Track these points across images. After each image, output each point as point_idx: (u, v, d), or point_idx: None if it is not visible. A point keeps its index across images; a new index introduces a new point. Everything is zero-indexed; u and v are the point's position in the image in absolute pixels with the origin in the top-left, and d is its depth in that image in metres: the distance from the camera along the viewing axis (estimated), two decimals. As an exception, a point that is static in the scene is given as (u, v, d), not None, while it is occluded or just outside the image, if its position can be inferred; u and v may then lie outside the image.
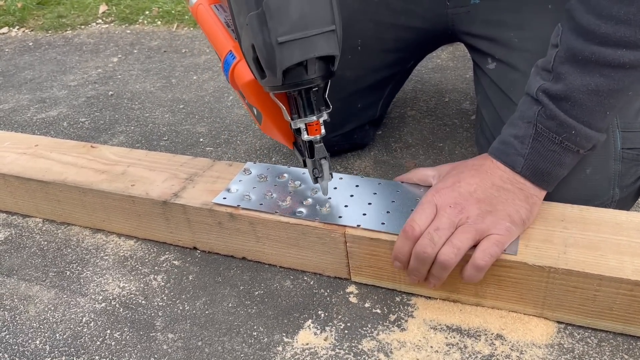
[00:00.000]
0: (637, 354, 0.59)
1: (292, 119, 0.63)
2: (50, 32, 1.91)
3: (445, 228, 0.59)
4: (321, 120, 0.63)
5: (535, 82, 0.62)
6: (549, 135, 0.61)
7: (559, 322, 0.63)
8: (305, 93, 0.61)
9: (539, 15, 0.76)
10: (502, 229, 0.59)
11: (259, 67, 0.58)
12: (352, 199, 0.71)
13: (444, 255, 0.58)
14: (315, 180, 0.68)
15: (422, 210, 0.61)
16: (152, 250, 0.81)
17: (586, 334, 0.62)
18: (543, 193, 0.64)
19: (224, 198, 0.74)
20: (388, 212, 0.68)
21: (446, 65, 1.34)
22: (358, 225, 0.66)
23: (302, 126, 0.63)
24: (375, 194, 0.72)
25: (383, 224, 0.66)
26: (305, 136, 0.63)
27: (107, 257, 0.81)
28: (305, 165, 0.69)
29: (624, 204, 0.72)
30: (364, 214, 0.68)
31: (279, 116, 0.66)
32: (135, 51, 1.66)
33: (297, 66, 0.56)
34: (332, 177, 0.68)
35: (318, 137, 0.63)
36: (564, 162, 0.62)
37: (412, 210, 0.67)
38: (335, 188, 0.73)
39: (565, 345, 0.60)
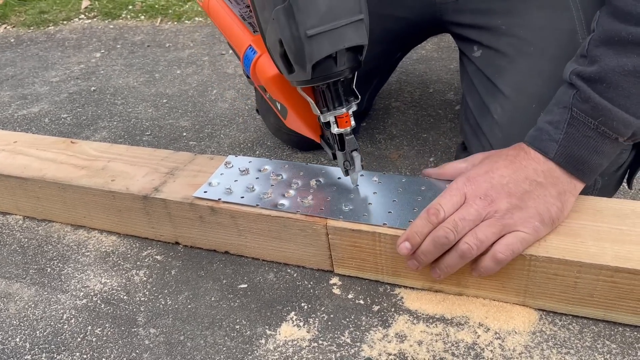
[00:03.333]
0: (619, 339, 0.59)
1: (321, 113, 0.61)
2: (32, 28, 1.88)
3: (471, 219, 0.58)
4: (350, 111, 0.61)
5: (570, 67, 0.60)
6: (584, 119, 0.58)
7: (541, 310, 0.63)
8: (334, 85, 0.59)
9: (528, 4, 0.75)
10: (530, 227, 0.58)
11: (287, 62, 0.56)
12: (334, 190, 0.71)
13: (465, 244, 0.57)
14: (347, 172, 0.67)
15: (450, 196, 0.60)
16: (134, 245, 0.80)
17: (568, 321, 0.62)
18: (579, 188, 0.61)
19: (205, 192, 0.73)
20: (370, 203, 0.68)
21: (431, 57, 1.34)
22: (340, 217, 0.66)
23: (332, 119, 0.61)
24: (357, 186, 0.71)
25: (365, 215, 0.66)
26: (335, 129, 0.61)
27: (88, 253, 0.80)
28: (334, 158, 0.68)
29: (606, 192, 0.72)
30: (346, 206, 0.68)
31: (305, 110, 0.64)
32: (119, 46, 1.64)
33: (326, 59, 0.54)
34: (362, 168, 0.67)
35: (348, 129, 0.61)
36: (601, 150, 0.59)
37: (394, 201, 0.67)
38: (319, 181, 0.73)
39: (547, 332, 0.61)
